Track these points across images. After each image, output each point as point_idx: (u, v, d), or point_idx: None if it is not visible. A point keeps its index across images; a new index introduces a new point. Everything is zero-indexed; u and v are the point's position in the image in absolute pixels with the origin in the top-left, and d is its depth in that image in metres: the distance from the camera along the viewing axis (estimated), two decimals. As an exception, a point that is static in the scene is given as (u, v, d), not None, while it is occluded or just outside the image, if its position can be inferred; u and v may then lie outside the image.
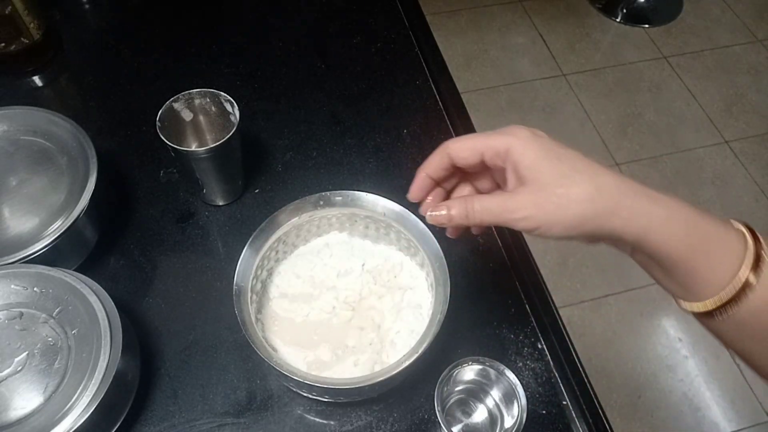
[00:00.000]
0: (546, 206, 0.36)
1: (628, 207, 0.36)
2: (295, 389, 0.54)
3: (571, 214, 0.36)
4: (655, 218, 0.36)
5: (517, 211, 0.37)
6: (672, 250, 0.36)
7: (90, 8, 0.87)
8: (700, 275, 0.36)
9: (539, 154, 0.37)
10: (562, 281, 1.62)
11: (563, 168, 0.37)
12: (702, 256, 0.36)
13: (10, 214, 0.59)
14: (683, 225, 0.36)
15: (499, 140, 0.39)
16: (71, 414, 0.47)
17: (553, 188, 0.36)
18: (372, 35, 0.85)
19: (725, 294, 0.35)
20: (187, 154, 0.60)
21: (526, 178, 0.37)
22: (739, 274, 0.35)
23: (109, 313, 0.51)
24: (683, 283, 0.37)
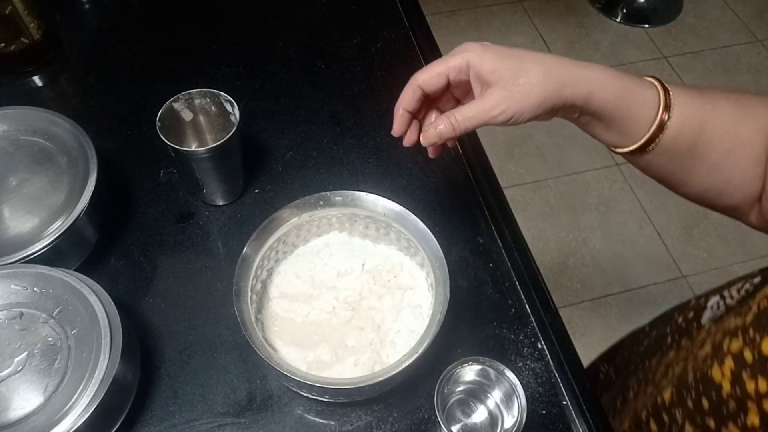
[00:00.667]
0: (515, 96, 0.44)
1: (573, 77, 0.45)
2: (295, 389, 0.54)
3: (535, 96, 0.44)
4: (595, 81, 0.45)
5: (493, 108, 0.45)
6: (610, 104, 0.45)
7: (90, 8, 0.87)
8: (634, 119, 0.46)
9: (495, 58, 0.45)
10: (562, 281, 1.62)
11: (517, 63, 0.45)
12: (633, 103, 0.46)
13: (10, 214, 0.59)
14: (615, 82, 0.45)
15: (458, 59, 0.46)
16: (71, 414, 0.47)
17: (516, 80, 0.44)
18: (372, 35, 0.85)
19: (654, 128, 0.46)
20: (187, 154, 0.60)
21: (490, 80, 0.45)
22: (660, 111, 0.46)
23: (109, 313, 0.52)
24: (620, 130, 0.47)
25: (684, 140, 0.47)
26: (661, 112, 0.46)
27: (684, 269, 1.65)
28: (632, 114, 0.46)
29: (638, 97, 0.46)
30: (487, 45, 0.46)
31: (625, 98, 0.46)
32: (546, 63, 0.45)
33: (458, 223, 0.69)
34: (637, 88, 0.46)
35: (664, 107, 0.46)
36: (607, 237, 1.70)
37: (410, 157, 0.74)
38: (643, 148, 0.47)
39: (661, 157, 0.48)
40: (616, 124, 0.47)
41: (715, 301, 0.58)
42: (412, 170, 0.73)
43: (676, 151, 0.48)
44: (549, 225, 1.72)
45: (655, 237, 1.71)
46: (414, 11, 0.87)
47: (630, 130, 0.47)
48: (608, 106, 0.45)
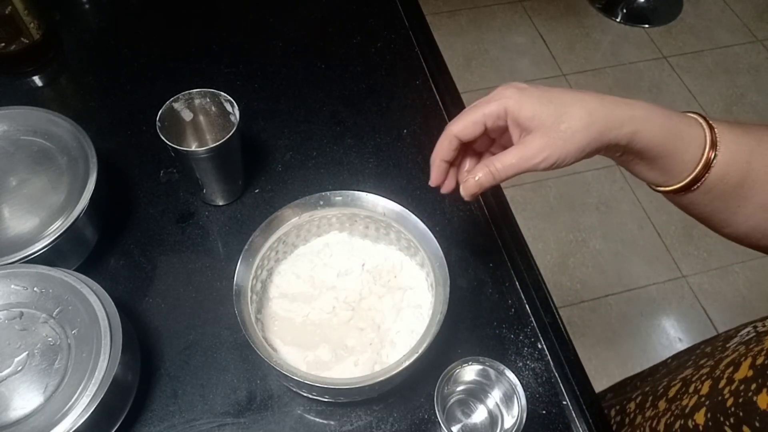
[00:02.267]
0: (557, 143, 0.42)
1: (617, 118, 0.43)
2: (295, 389, 0.54)
3: (578, 141, 0.42)
4: (639, 120, 0.43)
5: (535, 156, 0.43)
6: (655, 143, 0.44)
7: (90, 8, 0.87)
8: (679, 158, 0.44)
9: (534, 103, 0.43)
10: (562, 281, 1.62)
11: (557, 107, 0.43)
12: (678, 142, 0.44)
13: (10, 214, 0.59)
14: (660, 121, 0.44)
15: (495, 106, 0.44)
16: (71, 414, 0.47)
17: (557, 126, 0.42)
18: (372, 35, 0.85)
19: (700, 167, 0.44)
20: (187, 154, 0.60)
21: (530, 127, 0.43)
22: (707, 149, 0.44)
23: (109, 313, 0.52)
24: (664, 169, 0.45)
25: (730, 180, 0.45)
26: (708, 151, 0.44)
27: (684, 269, 1.65)
28: (677, 153, 0.44)
29: (684, 135, 0.44)
30: (524, 88, 0.44)
31: (670, 137, 0.44)
32: (588, 105, 0.43)
33: (458, 223, 0.69)
34: (682, 126, 0.44)
35: (711, 145, 0.44)
36: (607, 237, 1.70)
37: (410, 157, 0.74)
38: (687, 188, 0.45)
39: (705, 197, 0.46)
40: (660, 163, 0.45)
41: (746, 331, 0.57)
42: (412, 170, 0.73)
43: (722, 191, 0.45)
44: (549, 225, 1.72)
45: (655, 237, 1.71)
46: (414, 11, 0.87)
47: (674, 170, 0.45)
48: (653, 145, 0.43)
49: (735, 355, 0.50)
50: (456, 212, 0.70)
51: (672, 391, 0.56)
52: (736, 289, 1.62)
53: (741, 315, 1.59)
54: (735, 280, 1.63)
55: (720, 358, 0.52)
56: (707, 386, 0.50)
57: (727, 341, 0.57)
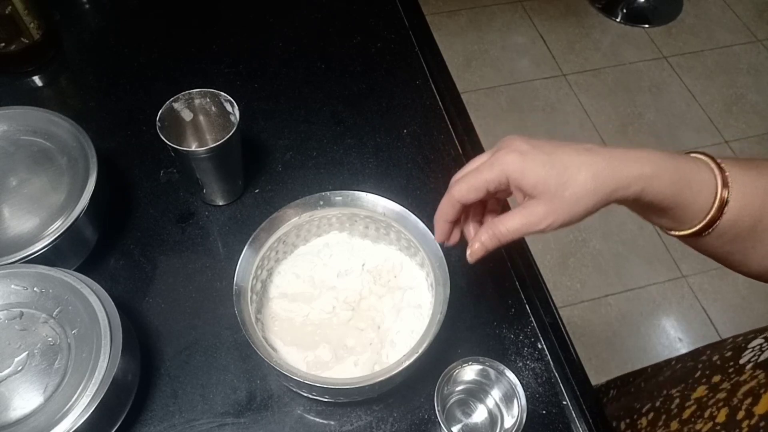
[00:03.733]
0: (562, 208, 0.42)
1: (624, 178, 0.42)
2: (295, 389, 0.54)
3: (584, 205, 0.42)
4: (647, 177, 0.42)
5: (540, 222, 0.42)
6: (665, 197, 0.43)
7: (90, 8, 0.87)
8: (689, 207, 0.44)
9: (536, 170, 0.42)
10: (562, 281, 1.62)
11: (561, 171, 0.41)
12: (687, 192, 0.43)
13: (10, 214, 0.59)
14: (668, 174, 0.42)
15: (496, 173, 0.43)
16: (71, 414, 0.47)
17: (562, 193, 0.41)
18: (372, 35, 0.85)
19: (711, 214, 0.43)
20: (187, 154, 0.60)
21: (534, 193, 0.42)
22: (718, 195, 0.43)
23: (109, 313, 0.52)
24: (676, 218, 0.45)
25: (743, 223, 0.44)
26: (719, 196, 0.43)
27: (684, 269, 1.66)
28: (688, 202, 0.43)
29: (694, 184, 0.43)
30: (526, 152, 0.42)
31: (680, 190, 0.43)
32: (593, 167, 0.41)
33: (458, 223, 0.69)
34: (692, 174, 0.43)
35: (722, 187, 0.43)
36: (607, 237, 1.70)
37: (410, 157, 0.74)
38: (699, 233, 0.45)
39: (718, 241, 0.45)
40: (671, 213, 0.44)
41: (758, 344, 0.55)
42: (412, 170, 0.73)
43: (735, 234, 0.45)
44: (549, 225, 1.72)
45: (655, 237, 1.71)
46: (414, 11, 0.87)
47: (686, 217, 0.44)
48: (662, 198, 0.43)
49: (754, 384, 0.49)
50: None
51: (686, 413, 0.55)
52: (736, 290, 1.63)
53: (741, 315, 1.59)
54: (735, 280, 1.63)
55: (737, 382, 0.51)
56: (724, 414, 0.49)
57: (739, 354, 0.56)
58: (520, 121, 1.92)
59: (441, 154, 0.74)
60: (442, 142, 0.75)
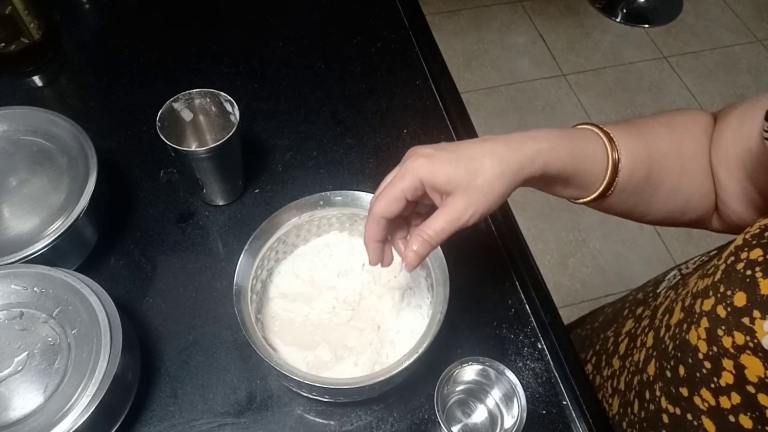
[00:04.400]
0: (478, 198, 0.44)
1: (526, 157, 0.45)
2: (295, 389, 0.54)
3: (497, 190, 0.44)
4: (546, 152, 0.45)
5: (462, 216, 0.44)
6: (566, 166, 0.47)
7: (90, 8, 0.87)
8: (588, 172, 0.48)
9: (444, 168, 0.44)
10: (562, 281, 1.62)
11: (468, 164, 0.44)
12: (584, 159, 0.47)
13: (10, 214, 0.59)
14: (563, 145, 0.47)
15: (409, 180, 0.45)
16: (71, 414, 0.47)
17: (474, 182, 0.44)
18: (372, 35, 0.85)
19: (608, 175, 0.48)
20: (187, 154, 0.60)
21: (448, 189, 0.44)
22: (610, 157, 0.48)
23: (109, 313, 0.52)
24: (579, 185, 0.49)
25: (638, 175, 0.49)
26: (611, 157, 0.48)
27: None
28: (587, 167, 0.48)
29: (587, 151, 0.48)
30: (430, 154, 0.45)
31: (577, 158, 0.47)
32: (496, 153, 0.44)
33: (458, 223, 0.69)
34: (584, 143, 0.48)
35: (612, 149, 0.48)
36: (607, 237, 1.70)
37: (410, 157, 0.74)
38: (603, 195, 0.49)
39: (620, 197, 0.50)
40: (574, 181, 0.48)
41: (672, 274, 0.60)
42: (412, 170, 0.73)
43: (634, 187, 0.50)
44: (549, 225, 1.72)
45: (655, 237, 1.71)
46: (414, 11, 0.87)
47: (588, 182, 0.49)
48: (565, 168, 0.47)
49: (667, 302, 0.52)
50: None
51: (622, 348, 0.58)
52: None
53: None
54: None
55: (655, 307, 0.55)
56: (651, 337, 0.52)
57: (657, 286, 0.60)
58: (520, 121, 1.92)
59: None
60: (442, 141, 0.75)
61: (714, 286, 0.42)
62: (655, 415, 0.50)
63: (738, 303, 0.39)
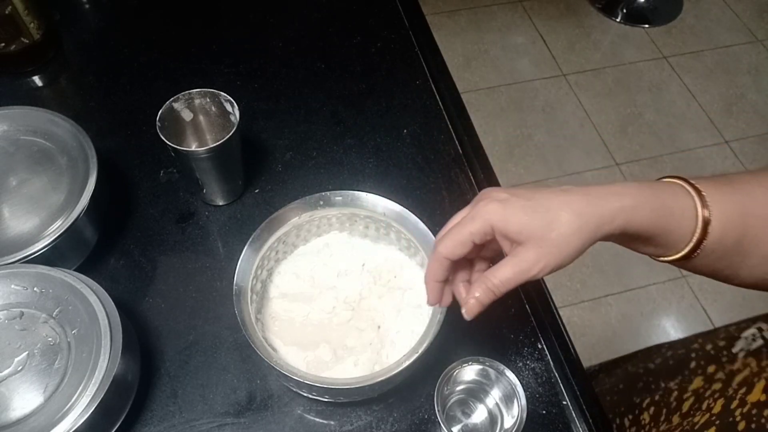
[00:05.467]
0: (551, 252, 0.41)
1: (607, 214, 0.42)
2: (295, 389, 0.54)
3: (572, 246, 0.42)
4: (629, 210, 0.42)
5: (531, 269, 0.42)
6: (648, 227, 0.43)
7: (90, 8, 0.87)
8: (674, 232, 0.44)
9: (519, 216, 0.42)
10: (562, 281, 1.62)
11: (544, 215, 0.42)
12: (669, 218, 0.44)
13: (10, 214, 0.59)
14: (648, 202, 0.43)
15: (479, 224, 0.43)
16: (71, 414, 0.47)
17: (548, 235, 0.41)
18: (372, 35, 0.85)
19: (697, 236, 0.44)
20: (187, 154, 0.60)
21: (520, 240, 0.42)
22: (700, 216, 0.43)
23: (109, 313, 0.52)
24: (662, 244, 0.45)
25: (728, 239, 0.45)
26: (701, 217, 0.44)
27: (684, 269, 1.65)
28: (672, 228, 0.44)
29: (675, 210, 0.44)
30: (506, 200, 0.43)
31: (662, 215, 0.43)
32: (574, 206, 0.42)
33: (458, 223, 0.69)
34: (671, 200, 0.44)
35: (702, 208, 0.44)
36: (607, 237, 1.70)
37: (410, 157, 0.74)
38: (688, 256, 0.45)
39: (707, 259, 0.46)
40: (657, 240, 0.45)
41: (750, 333, 0.57)
42: (412, 170, 0.73)
43: (724, 251, 0.45)
44: (549, 225, 1.72)
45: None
46: (414, 11, 0.87)
47: (672, 242, 0.45)
48: (647, 228, 0.43)
49: (747, 373, 0.50)
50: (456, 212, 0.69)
51: (686, 406, 0.55)
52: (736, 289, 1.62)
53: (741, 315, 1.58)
54: (735, 280, 1.62)
55: (731, 372, 0.52)
56: (720, 405, 0.50)
57: (731, 343, 0.57)
58: (520, 121, 1.92)
59: (441, 154, 0.74)
60: (442, 142, 0.75)
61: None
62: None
63: None
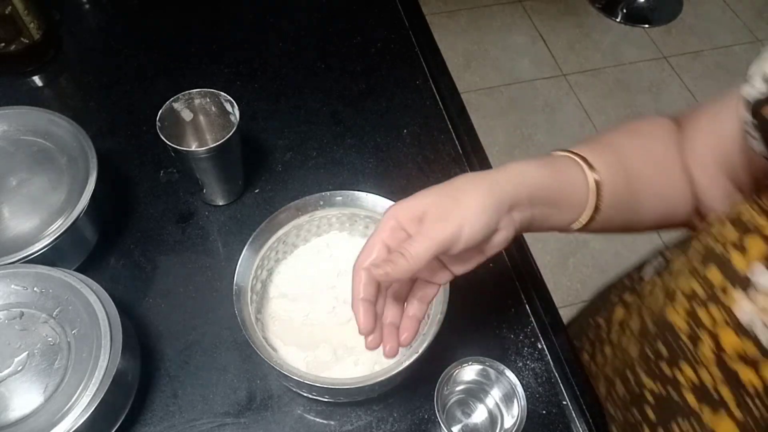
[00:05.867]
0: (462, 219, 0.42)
1: (513, 178, 0.44)
2: (295, 389, 0.54)
3: (483, 211, 0.42)
4: (530, 174, 0.45)
5: (443, 235, 0.41)
6: (551, 189, 0.47)
7: (90, 8, 0.87)
8: (574, 195, 0.48)
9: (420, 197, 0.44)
10: (562, 281, 1.62)
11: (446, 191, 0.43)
12: (565, 182, 0.48)
13: (10, 214, 0.59)
14: (546, 169, 0.47)
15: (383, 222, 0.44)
16: (71, 414, 0.47)
17: (456, 206, 0.42)
18: (372, 35, 0.85)
19: (592, 195, 0.48)
20: (187, 154, 0.60)
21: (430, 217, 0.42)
22: (589, 177, 0.48)
23: (109, 313, 0.52)
24: (568, 208, 0.48)
25: (620, 189, 0.49)
26: (591, 178, 0.48)
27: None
28: (572, 191, 0.48)
29: (569, 175, 0.48)
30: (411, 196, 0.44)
31: (561, 181, 0.47)
32: (478, 177, 0.44)
33: (458, 223, 0.69)
34: (564, 167, 0.48)
35: (590, 170, 0.48)
36: (607, 237, 1.70)
37: (410, 157, 0.74)
38: (593, 217, 0.49)
39: (611, 213, 0.50)
40: (562, 204, 0.48)
41: (657, 261, 0.60)
42: (412, 170, 0.73)
43: (620, 201, 0.50)
44: (549, 225, 1.72)
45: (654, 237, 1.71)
46: (414, 11, 0.87)
47: (575, 204, 0.48)
48: (551, 190, 0.46)
49: (651, 287, 0.53)
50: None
51: (614, 337, 0.58)
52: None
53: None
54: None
55: (642, 294, 0.56)
56: (638, 323, 0.53)
57: (640, 271, 0.61)
58: (520, 121, 1.92)
59: (441, 154, 0.74)
60: (442, 142, 0.75)
61: (690, 265, 0.44)
62: (639, 395, 0.50)
63: (713, 279, 0.40)
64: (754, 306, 0.37)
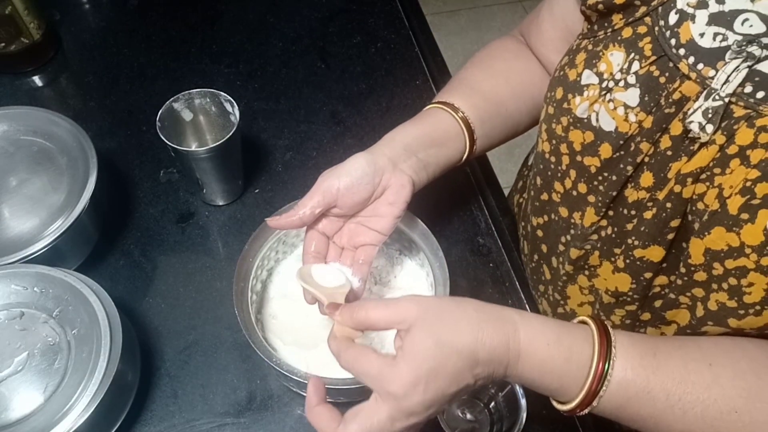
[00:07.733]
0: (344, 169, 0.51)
1: (388, 148, 0.52)
2: (295, 389, 0.54)
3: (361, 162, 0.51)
4: (401, 135, 0.53)
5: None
6: (426, 135, 0.53)
7: (90, 8, 0.87)
8: (450, 133, 0.55)
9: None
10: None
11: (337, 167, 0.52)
12: (437, 125, 0.55)
13: (10, 214, 0.59)
14: (416, 125, 0.55)
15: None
16: (71, 414, 0.47)
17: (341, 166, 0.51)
18: (372, 35, 0.85)
19: (465, 130, 0.56)
20: (187, 154, 0.60)
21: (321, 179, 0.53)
22: (458, 118, 0.55)
23: (109, 313, 0.52)
24: (450, 144, 0.55)
25: (487, 114, 0.57)
26: (456, 114, 0.56)
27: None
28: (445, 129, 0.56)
29: (437, 119, 0.56)
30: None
31: (430, 126, 0.55)
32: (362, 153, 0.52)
33: (458, 223, 0.69)
34: (429, 116, 0.56)
35: (454, 111, 0.56)
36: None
37: (410, 157, 0.74)
38: (474, 141, 0.56)
39: (490, 135, 0.58)
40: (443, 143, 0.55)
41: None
42: (412, 170, 0.73)
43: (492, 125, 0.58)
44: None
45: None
46: (414, 11, 0.87)
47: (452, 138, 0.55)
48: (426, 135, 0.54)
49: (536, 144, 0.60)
50: (456, 212, 0.69)
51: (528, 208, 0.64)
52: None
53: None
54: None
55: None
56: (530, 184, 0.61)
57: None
58: (520, 121, 1.92)
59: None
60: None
61: (547, 96, 0.51)
62: (532, 231, 0.60)
63: (558, 96, 0.48)
64: (588, 102, 0.45)
